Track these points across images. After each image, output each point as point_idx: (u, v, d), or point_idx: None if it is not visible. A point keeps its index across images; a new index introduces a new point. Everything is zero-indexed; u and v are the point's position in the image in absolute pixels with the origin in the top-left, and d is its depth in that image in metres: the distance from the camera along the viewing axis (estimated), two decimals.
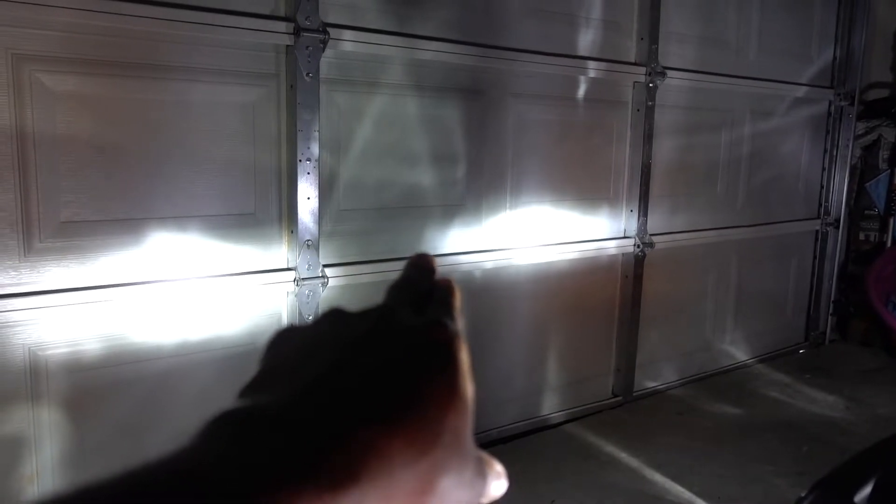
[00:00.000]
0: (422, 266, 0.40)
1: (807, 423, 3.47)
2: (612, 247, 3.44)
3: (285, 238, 2.46)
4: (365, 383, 0.29)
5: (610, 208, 3.44)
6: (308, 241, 2.44)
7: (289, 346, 0.34)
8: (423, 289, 0.38)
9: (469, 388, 0.31)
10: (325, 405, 0.28)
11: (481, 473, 0.32)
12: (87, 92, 2.05)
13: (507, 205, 3.05)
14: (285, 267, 2.46)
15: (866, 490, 1.10)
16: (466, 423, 0.31)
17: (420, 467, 0.28)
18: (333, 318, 0.34)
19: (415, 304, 0.36)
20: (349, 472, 0.26)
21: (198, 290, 2.28)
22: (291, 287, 2.45)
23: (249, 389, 0.31)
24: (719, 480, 2.89)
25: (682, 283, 3.86)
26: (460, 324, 0.34)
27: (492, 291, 3.07)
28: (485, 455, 0.33)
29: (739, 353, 4.24)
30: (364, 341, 0.32)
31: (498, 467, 0.34)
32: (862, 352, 4.51)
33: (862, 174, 4.66)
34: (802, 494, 1.15)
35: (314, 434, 0.27)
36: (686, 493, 2.78)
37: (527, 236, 3.12)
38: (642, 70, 3.36)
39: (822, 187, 4.56)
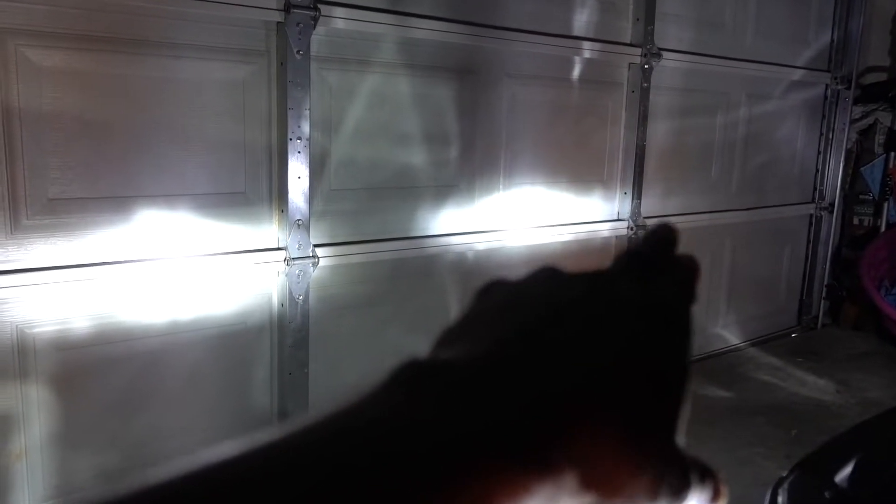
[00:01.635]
0: (662, 237, 0.35)
1: (797, 406, 3.48)
2: (605, 229, 3.43)
3: (276, 217, 2.45)
4: (579, 355, 0.26)
5: (604, 190, 3.43)
6: (298, 220, 2.42)
7: (497, 296, 0.31)
8: (658, 262, 0.34)
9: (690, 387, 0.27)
10: (532, 370, 0.25)
11: (684, 484, 0.28)
12: (73, 67, 2.02)
13: (500, 186, 3.04)
14: (276, 246, 2.45)
15: (846, 470, 1.10)
16: (681, 421, 0.27)
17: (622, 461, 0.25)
18: (547, 276, 0.32)
19: (642, 276, 0.32)
20: (560, 457, 0.23)
21: (187, 269, 2.27)
22: (282, 266, 2.44)
23: (449, 336, 0.29)
24: (709, 463, 2.90)
25: None
26: (695, 310, 0.30)
27: (484, 273, 3.04)
28: (701, 463, 0.28)
29: (732, 337, 4.25)
30: (579, 304, 0.29)
31: (718, 482, 0.29)
32: (854, 336, 4.52)
33: (857, 158, 4.65)
34: (783, 475, 1.16)
35: (527, 405, 0.24)
36: None
37: (520, 218, 3.11)
38: (638, 51, 3.34)
39: (816, 171, 4.55)
